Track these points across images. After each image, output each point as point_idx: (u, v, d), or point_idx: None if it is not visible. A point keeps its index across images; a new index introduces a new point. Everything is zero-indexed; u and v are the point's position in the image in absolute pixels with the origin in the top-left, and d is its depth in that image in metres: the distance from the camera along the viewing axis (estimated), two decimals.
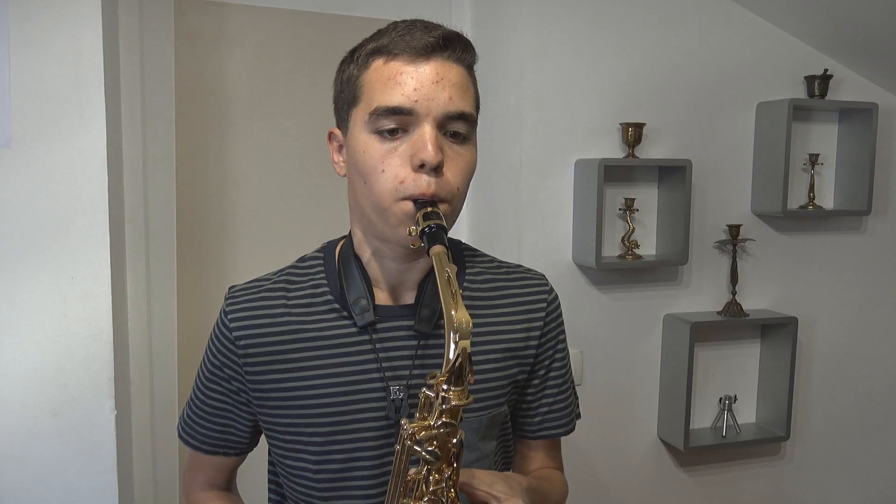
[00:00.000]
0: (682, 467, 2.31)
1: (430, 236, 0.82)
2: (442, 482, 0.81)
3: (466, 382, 0.77)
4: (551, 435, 1.09)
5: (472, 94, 0.92)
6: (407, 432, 0.79)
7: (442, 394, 0.78)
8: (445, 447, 0.79)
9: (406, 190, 0.86)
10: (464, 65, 0.91)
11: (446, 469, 0.81)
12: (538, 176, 2.05)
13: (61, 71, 1.51)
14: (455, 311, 0.75)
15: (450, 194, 0.88)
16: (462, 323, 0.75)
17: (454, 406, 0.78)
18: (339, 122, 0.96)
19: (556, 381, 1.07)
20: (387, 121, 0.86)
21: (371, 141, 0.88)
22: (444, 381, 0.77)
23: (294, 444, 0.97)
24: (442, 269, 0.79)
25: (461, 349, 0.75)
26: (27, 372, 1.54)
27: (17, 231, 1.51)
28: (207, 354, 1.01)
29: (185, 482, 1.12)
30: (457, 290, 0.77)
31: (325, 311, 0.97)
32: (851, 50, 2.25)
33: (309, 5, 2.01)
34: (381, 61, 0.88)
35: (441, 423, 0.78)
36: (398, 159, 0.86)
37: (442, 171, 0.87)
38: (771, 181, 2.20)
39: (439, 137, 0.87)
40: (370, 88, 0.88)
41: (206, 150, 1.95)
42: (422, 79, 0.86)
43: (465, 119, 0.89)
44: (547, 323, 1.04)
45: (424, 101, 0.86)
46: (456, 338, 0.75)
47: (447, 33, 0.89)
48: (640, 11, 2.10)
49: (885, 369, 2.53)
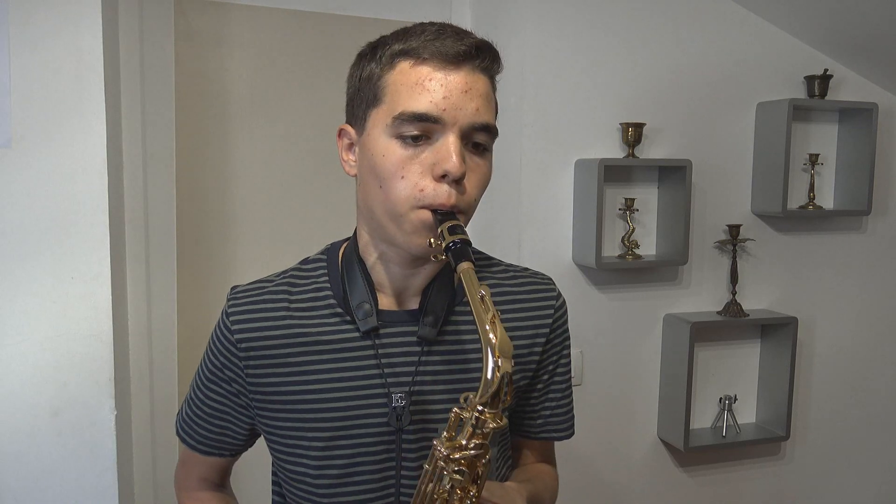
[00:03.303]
0: (682, 467, 2.31)
1: (455, 253, 0.81)
2: (466, 500, 0.81)
3: (502, 404, 0.77)
4: (552, 438, 1.09)
5: (494, 105, 0.91)
6: (442, 454, 0.79)
7: (476, 415, 0.77)
8: (473, 466, 0.79)
9: (425, 199, 0.84)
10: (490, 75, 0.89)
11: (471, 488, 0.81)
12: (538, 176, 2.05)
13: (61, 71, 1.51)
14: (495, 333, 0.75)
15: (467, 206, 0.88)
16: (504, 346, 0.74)
17: (489, 429, 0.78)
18: (353, 120, 0.92)
19: (560, 385, 1.06)
20: (411, 126, 0.84)
21: (392, 145, 0.85)
22: (479, 402, 0.77)
23: (294, 448, 0.96)
24: (475, 289, 0.78)
25: (504, 372, 0.74)
26: (27, 372, 1.54)
27: (17, 231, 1.51)
28: (208, 354, 1.00)
29: (179, 477, 1.11)
30: (495, 313, 0.76)
31: (328, 314, 0.96)
32: (851, 50, 2.25)
33: (309, 5, 2.01)
34: (407, 64, 0.85)
35: (474, 444, 0.78)
36: (419, 167, 0.85)
37: (462, 183, 0.86)
38: (771, 181, 2.20)
39: (462, 149, 0.85)
40: (395, 91, 0.85)
41: (206, 150, 1.95)
42: (451, 87, 0.84)
43: (488, 131, 0.88)
44: (553, 329, 1.03)
45: (452, 110, 0.84)
46: (498, 362, 0.74)
47: (479, 42, 0.87)
48: (641, 12, 2.10)
49: (885, 369, 2.53)
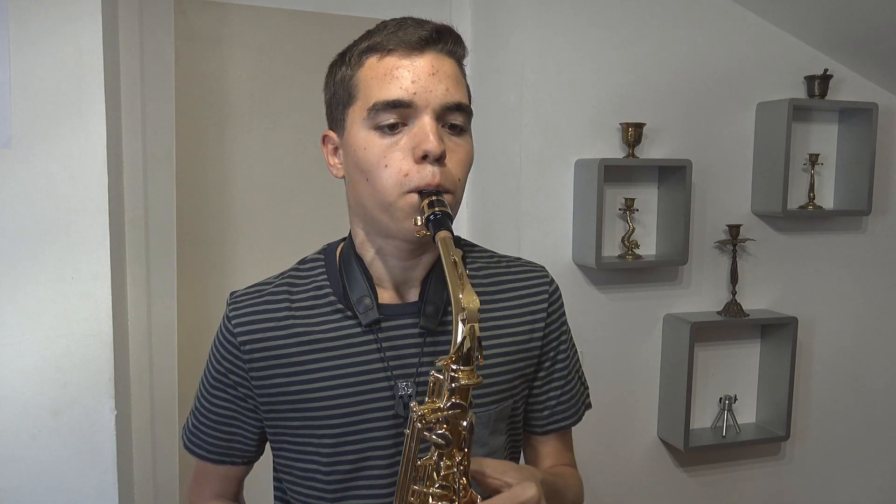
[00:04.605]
0: (682, 467, 2.31)
1: (435, 223, 0.82)
2: (453, 468, 0.81)
3: (475, 363, 0.77)
4: (560, 427, 1.09)
5: (465, 86, 0.93)
6: (416, 414, 0.79)
7: (451, 374, 0.78)
8: (456, 431, 0.79)
9: (411, 182, 0.86)
10: (455, 58, 0.91)
11: (457, 454, 0.80)
12: (538, 176, 2.05)
13: (61, 71, 1.51)
14: (462, 292, 0.75)
15: (453, 185, 0.89)
16: (470, 304, 0.75)
17: (463, 385, 0.78)
18: (334, 124, 0.95)
19: (562, 371, 1.07)
20: (386, 115, 0.86)
21: (371, 137, 0.88)
22: (452, 363, 0.77)
23: (304, 447, 0.96)
24: (448, 254, 0.79)
25: (469, 329, 0.75)
26: (27, 372, 1.54)
27: (17, 231, 1.51)
28: (211, 361, 1.00)
29: (192, 496, 1.08)
30: (463, 273, 0.77)
31: (329, 312, 0.96)
32: (851, 50, 2.25)
33: (309, 5, 2.01)
34: (375, 58, 0.88)
35: (450, 404, 0.78)
36: (400, 153, 0.86)
37: (444, 162, 0.87)
38: (771, 181, 2.20)
39: (439, 129, 0.87)
40: (366, 86, 0.88)
41: (206, 150, 1.95)
42: (418, 71, 0.86)
43: (462, 110, 0.89)
44: (550, 314, 1.04)
45: (423, 93, 0.86)
46: (464, 316, 0.75)
47: (439, 27, 0.89)
48: (641, 11, 2.10)
49: (885, 369, 2.53)
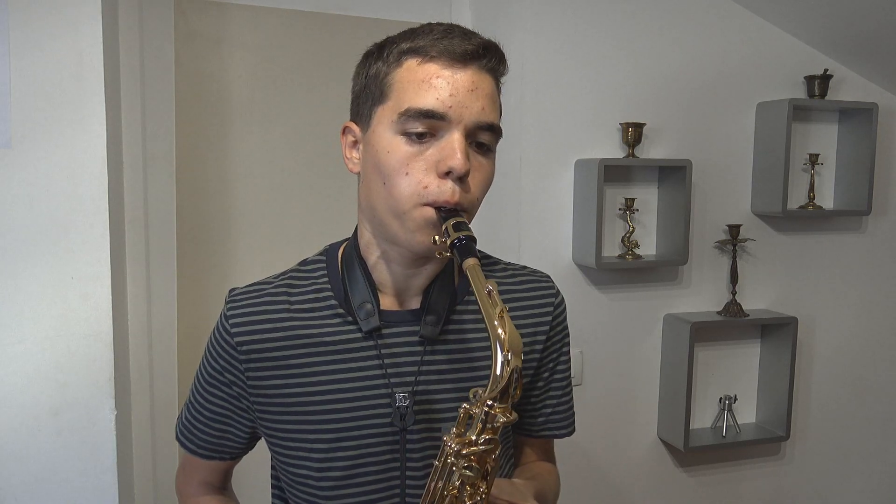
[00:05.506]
0: (682, 467, 2.31)
1: (461, 249, 0.81)
2: (476, 496, 0.81)
3: (511, 399, 0.77)
4: (553, 436, 1.09)
5: (499, 106, 0.91)
6: (452, 450, 0.79)
7: (486, 409, 0.77)
8: (483, 462, 0.79)
9: (429, 196, 0.84)
10: (495, 76, 0.90)
11: (480, 484, 0.81)
12: (538, 176, 2.05)
13: (61, 71, 1.51)
14: (504, 328, 0.75)
15: (470, 205, 0.88)
16: (514, 340, 0.74)
17: (500, 423, 0.77)
18: (358, 118, 0.93)
19: (561, 382, 1.07)
20: (417, 123, 0.85)
21: (397, 141, 0.86)
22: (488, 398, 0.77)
23: (297, 450, 0.96)
24: (482, 285, 0.78)
25: (514, 367, 0.75)
26: (27, 372, 1.53)
27: (17, 231, 1.51)
28: (207, 358, 0.99)
29: (179, 483, 1.10)
30: (503, 308, 0.76)
31: (329, 315, 0.95)
32: (851, 50, 2.25)
33: (309, 5, 2.01)
34: (415, 61, 0.86)
35: (484, 439, 0.78)
36: (423, 164, 0.85)
37: (466, 181, 0.86)
38: (771, 181, 2.20)
39: (467, 146, 0.86)
40: (401, 88, 0.86)
41: (206, 150, 1.94)
42: (457, 85, 0.85)
43: (493, 130, 0.88)
44: (553, 327, 1.04)
45: (458, 108, 0.84)
46: (508, 356, 0.74)
47: (486, 42, 0.88)
48: (641, 12, 2.10)
49: (885, 369, 2.53)
